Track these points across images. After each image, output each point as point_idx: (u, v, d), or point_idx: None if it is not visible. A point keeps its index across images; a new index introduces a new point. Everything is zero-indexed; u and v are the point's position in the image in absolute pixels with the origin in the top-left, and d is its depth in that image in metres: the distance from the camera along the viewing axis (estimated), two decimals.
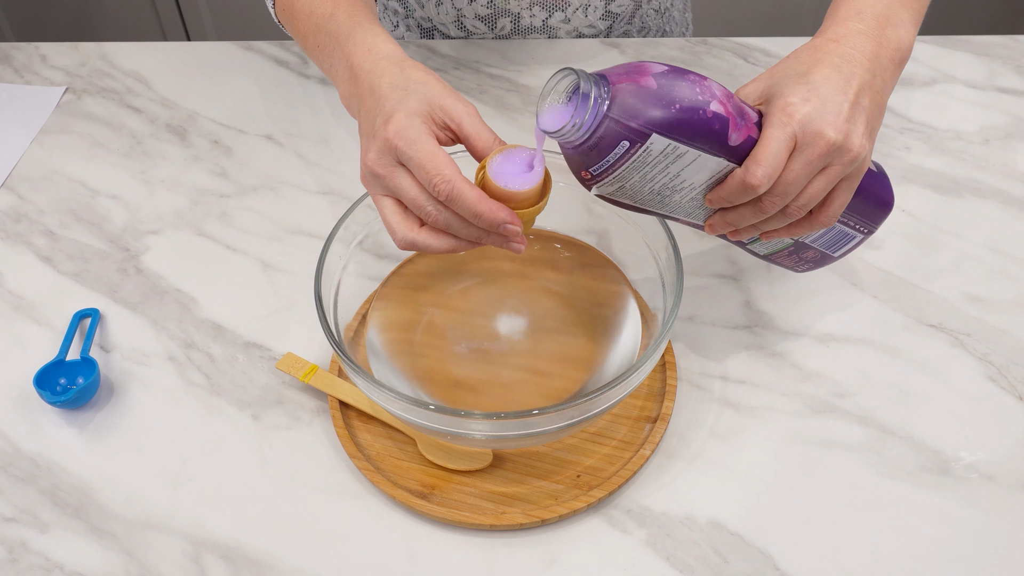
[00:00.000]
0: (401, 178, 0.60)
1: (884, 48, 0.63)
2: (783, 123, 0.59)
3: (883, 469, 0.69)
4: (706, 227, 0.66)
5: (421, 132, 0.60)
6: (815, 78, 0.60)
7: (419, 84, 0.63)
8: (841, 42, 0.62)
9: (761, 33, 2.12)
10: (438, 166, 0.58)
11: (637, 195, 0.61)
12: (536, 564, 0.65)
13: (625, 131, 0.56)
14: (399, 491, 0.67)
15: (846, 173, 0.62)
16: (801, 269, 0.75)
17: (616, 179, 0.59)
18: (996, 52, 1.05)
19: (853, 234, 0.71)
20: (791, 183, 0.60)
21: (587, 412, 0.62)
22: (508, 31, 1.06)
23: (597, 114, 0.56)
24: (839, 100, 0.60)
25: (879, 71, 0.63)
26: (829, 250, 0.72)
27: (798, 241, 0.70)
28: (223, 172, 0.95)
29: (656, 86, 0.56)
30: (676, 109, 0.56)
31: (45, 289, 0.84)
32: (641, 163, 0.57)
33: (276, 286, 0.84)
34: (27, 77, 1.07)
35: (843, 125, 0.59)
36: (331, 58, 0.71)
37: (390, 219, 0.61)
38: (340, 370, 0.75)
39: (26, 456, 0.72)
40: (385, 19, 1.13)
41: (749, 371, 0.75)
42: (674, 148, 0.57)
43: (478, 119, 0.62)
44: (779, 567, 0.64)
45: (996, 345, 0.77)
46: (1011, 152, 0.93)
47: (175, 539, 0.67)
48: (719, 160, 0.59)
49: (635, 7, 1.07)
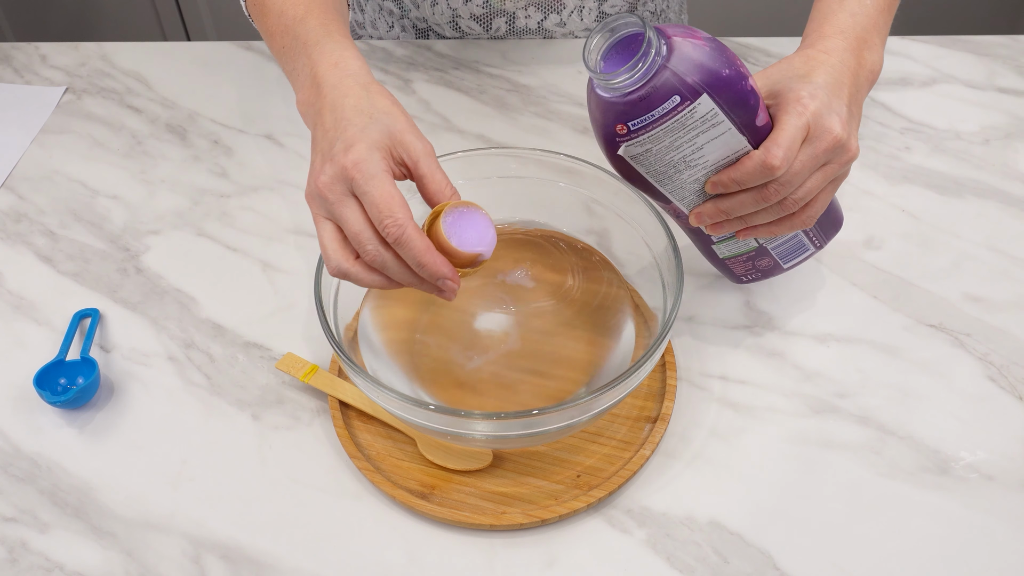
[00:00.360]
0: (349, 209, 0.60)
1: (862, 68, 0.67)
2: (799, 112, 0.61)
3: (883, 469, 0.69)
4: (692, 216, 0.67)
5: (380, 168, 0.59)
6: (817, 80, 0.63)
7: (383, 114, 0.62)
8: (831, 54, 0.66)
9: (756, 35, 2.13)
10: (392, 207, 0.58)
11: (655, 164, 0.62)
12: (536, 564, 0.65)
13: (680, 85, 0.57)
14: (399, 491, 0.67)
15: (838, 174, 0.65)
16: (747, 279, 0.77)
17: (649, 139, 0.60)
18: (996, 52, 1.05)
19: (808, 246, 0.74)
20: (797, 173, 0.62)
21: (587, 412, 0.62)
22: (503, 32, 1.06)
23: (656, 63, 0.57)
24: (839, 103, 0.63)
25: (860, 87, 0.67)
26: (783, 260, 0.75)
27: (760, 246, 0.72)
28: (223, 172, 0.95)
29: (709, 49, 0.58)
30: (726, 74, 0.58)
31: (45, 289, 0.84)
32: (680, 125, 0.59)
33: (276, 286, 0.84)
34: (27, 77, 1.08)
35: (846, 125, 0.62)
36: (295, 62, 0.70)
37: (328, 245, 0.61)
38: (340, 370, 0.75)
39: (26, 456, 0.72)
40: (380, 20, 1.13)
41: (749, 371, 0.75)
42: (714, 114, 0.59)
43: (434, 160, 0.62)
44: (779, 567, 0.64)
45: (996, 345, 0.77)
46: (1011, 152, 0.93)
47: (175, 539, 0.67)
48: (740, 139, 0.61)
49: (630, 9, 1.07)
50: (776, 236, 0.70)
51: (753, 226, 0.67)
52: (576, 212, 0.79)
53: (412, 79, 1.04)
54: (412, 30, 1.10)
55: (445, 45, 1.08)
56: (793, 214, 0.66)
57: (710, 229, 0.68)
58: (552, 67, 1.04)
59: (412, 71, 1.05)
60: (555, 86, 1.02)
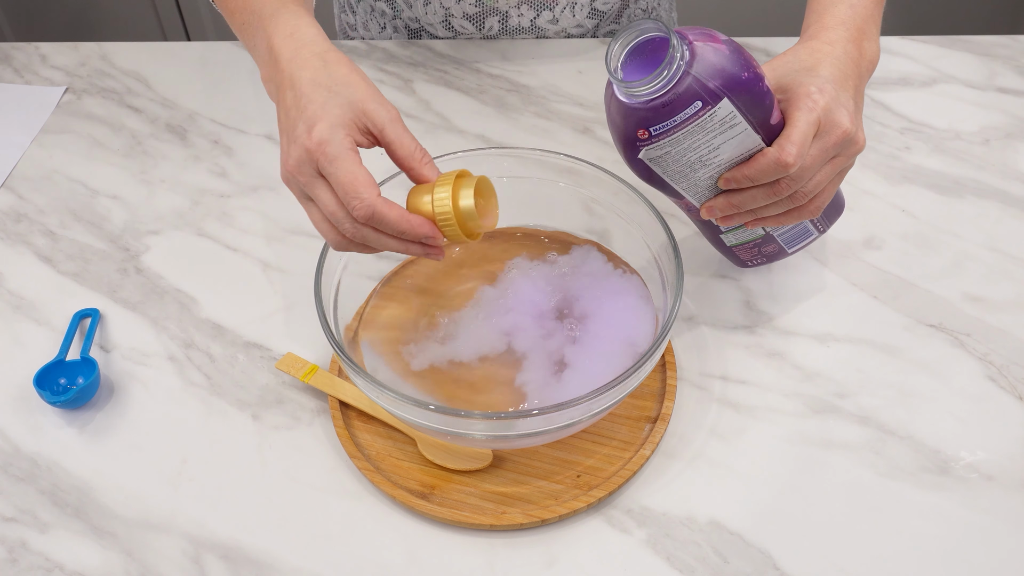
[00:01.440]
0: (320, 190, 0.61)
1: (863, 58, 0.68)
2: (810, 108, 0.62)
3: (883, 469, 0.69)
4: (703, 209, 0.68)
5: (343, 147, 0.59)
6: (823, 73, 0.64)
7: (343, 85, 0.62)
8: (835, 46, 0.66)
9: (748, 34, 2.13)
10: (357, 189, 0.58)
11: (672, 165, 0.62)
12: (536, 564, 0.65)
13: (702, 90, 0.57)
14: (399, 491, 0.67)
15: (845, 166, 0.65)
16: (752, 264, 0.78)
17: (669, 143, 0.60)
18: (996, 52, 1.05)
19: (812, 231, 0.75)
20: (808, 168, 0.63)
21: (587, 412, 0.62)
22: (496, 31, 1.06)
23: (679, 70, 0.57)
24: (846, 96, 0.64)
25: (862, 76, 0.67)
26: (787, 245, 0.75)
27: (767, 233, 0.73)
28: (223, 172, 0.95)
29: (728, 52, 0.58)
30: (746, 77, 0.58)
31: (45, 289, 0.84)
32: (700, 128, 0.59)
33: (276, 286, 0.84)
34: (27, 77, 1.07)
35: (854, 118, 0.63)
36: (254, 38, 0.69)
37: (318, 226, 0.62)
38: (340, 370, 0.75)
39: (26, 456, 0.72)
40: (372, 21, 1.12)
41: (749, 371, 0.75)
42: (733, 117, 0.59)
43: (399, 125, 0.62)
44: (779, 567, 0.64)
45: (996, 345, 0.77)
46: (1011, 152, 0.93)
47: (175, 539, 0.67)
48: (755, 137, 0.61)
49: (622, 6, 1.07)
50: (781, 227, 0.71)
51: (763, 217, 0.68)
52: (576, 212, 0.79)
53: (412, 79, 1.04)
54: (404, 31, 1.10)
55: (445, 45, 1.08)
56: (802, 205, 0.67)
57: (721, 221, 0.69)
58: (552, 67, 1.04)
59: (412, 71, 1.05)
60: (555, 86, 1.02)
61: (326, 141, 0.59)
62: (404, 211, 0.60)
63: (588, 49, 1.06)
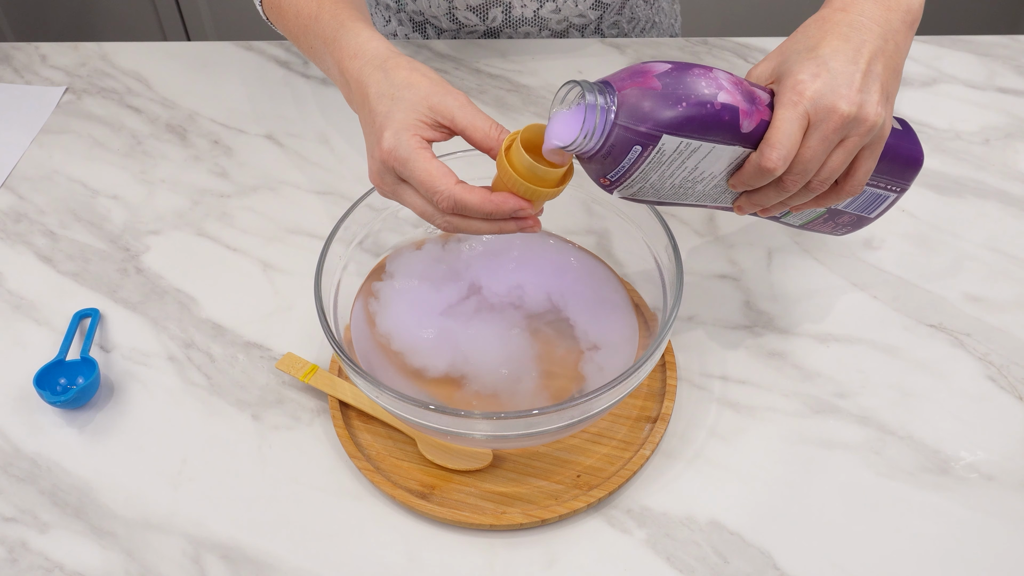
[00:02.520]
0: (406, 194, 0.63)
1: (894, 12, 0.63)
2: (793, 103, 0.59)
3: (883, 469, 0.69)
4: (735, 208, 0.66)
5: (411, 148, 0.61)
6: (824, 51, 0.60)
7: (404, 88, 0.63)
8: (848, 10, 0.62)
9: (751, 29, 2.13)
10: (434, 183, 0.60)
11: (660, 191, 0.61)
12: (536, 564, 0.65)
13: (635, 136, 0.56)
14: (399, 491, 0.67)
15: (865, 142, 0.61)
16: (840, 232, 0.75)
17: (635, 181, 0.59)
18: (996, 52, 1.05)
19: (886, 194, 0.70)
20: (809, 160, 0.60)
21: (587, 412, 0.62)
22: (500, 22, 1.06)
23: (606, 123, 0.56)
24: (850, 71, 0.59)
25: (891, 35, 0.62)
26: (864, 212, 0.72)
27: (831, 208, 0.70)
28: (223, 172, 0.95)
29: (661, 86, 0.56)
30: (683, 107, 0.56)
31: (45, 289, 0.84)
32: (656, 163, 0.58)
33: (276, 286, 0.84)
34: (27, 77, 1.08)
35: (856, 96, 0.59)
36: (324, 62, 0.72)
37: (422, 216, 0.64)
38: (340, 370, 0.75)
39: (26, 456, 0.72)
40: (377, 15, 1.13)
41: (749, 371, 0.75)
42: (687, 145, 0.57)
43: (469, 109, 0.63)
44: (779, 567, 0.64)
45: (996, 345, 0.77)
46: (1011, 152, 0.93)
47: (175, 539, 0.67)
48: (735, 148, 0.59)
49: (622, 4, 1.07)
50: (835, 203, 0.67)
51: (799, 205, 0.65)
52: (576, 212, 0.79)
53: None
54: (409, 24, 1.11)
55: (445, 45, 1.08)
56: (830, 190, 0.64)
57: (761, 214, 0.66)
58: (552, 67, 1.04)
59: None
60: (555, 86, 1.02)
61: (394, 147, 0.61)
62: (486, 192, 0.60)
63: (588, 48, 1.06)
